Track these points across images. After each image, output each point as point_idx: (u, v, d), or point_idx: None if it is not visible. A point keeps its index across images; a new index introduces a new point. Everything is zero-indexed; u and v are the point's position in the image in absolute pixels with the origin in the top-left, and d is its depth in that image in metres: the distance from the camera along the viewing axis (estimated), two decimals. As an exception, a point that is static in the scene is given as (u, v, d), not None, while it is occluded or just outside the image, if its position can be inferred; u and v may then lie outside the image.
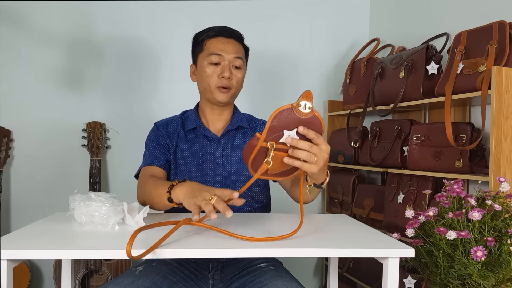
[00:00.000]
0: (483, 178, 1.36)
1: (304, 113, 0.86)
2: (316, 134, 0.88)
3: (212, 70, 1.24)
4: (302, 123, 0.87)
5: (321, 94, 2.40)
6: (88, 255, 0.75)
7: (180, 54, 2.20)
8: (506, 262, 0.98)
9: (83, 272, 1.94)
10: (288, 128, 0.87)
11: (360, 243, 0.86)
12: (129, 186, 2.11)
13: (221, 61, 1.24)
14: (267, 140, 0.86)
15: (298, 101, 0.86)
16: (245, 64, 1.30)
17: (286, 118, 0.86)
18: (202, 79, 1.26)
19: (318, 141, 0.89)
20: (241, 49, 1.28)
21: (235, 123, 1.31)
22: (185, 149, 1.28)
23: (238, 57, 1.25)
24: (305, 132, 0.87)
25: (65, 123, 2.09)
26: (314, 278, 2.41)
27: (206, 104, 1.31)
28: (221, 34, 1.26)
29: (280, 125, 0.86)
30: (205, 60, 1.25)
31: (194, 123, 1.29)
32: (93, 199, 0.92)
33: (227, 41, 1.25)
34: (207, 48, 1.25)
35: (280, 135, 0.87)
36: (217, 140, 1.28)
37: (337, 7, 2.39)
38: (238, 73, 1.26)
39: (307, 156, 0.88)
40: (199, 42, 1.28)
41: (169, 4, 2.19)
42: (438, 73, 1.65)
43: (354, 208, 2.04)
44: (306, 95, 0.86)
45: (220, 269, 1.16)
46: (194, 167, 1.26)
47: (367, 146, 1.97)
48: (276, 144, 0.87)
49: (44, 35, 2.06)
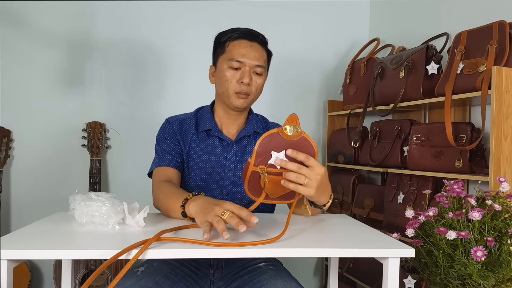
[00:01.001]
0: (483, 178, 1.36)
1: (291, 136, 0.86)
2: (306, 156, 0.88)
3: (231, 75, 1.19)
4: (292, 146, 0.87)
5: (321, 94, 2.40)
6: (88, 255, 0.75)
7: (181, 54, 2.20)
8: (506, 262, 0.98)
9: (83, 272, 1.94)
10: (276, 150, 0.87)
11: (360, 243, 0.86)
12: (129, 186, 2.12)
13: (241, 67, 1.19)
14: (257, 164, 0.87)
15: (284, 125, 0.86)
16: (266, 70, 1.26)
17: (274, 142, 0.86)
18: (221, 82, 1.22)
19: (310, 163, 0.88)
20: (263, 54, 1.23)
21: (250, 129, 1.28)
22: (199, 151, 1.24)
23: (259, 66, 1.20)
24: (293, 155, 0.87)
25: (65, 123, 2.09)
26: (314, 278, 2.41)
27: (221, 107, 1.27)
28: (244, 37, 1.21)
29: (268, 149, 0.86)
30: (225, 63, 1.20)
31: (209, 124, 1.26)
32: (94, 199, 0.92)
33: (250, 45, 1.20)
34: (229, 51, 1.20)
35: (269, 157, 0.87)
36: (231, 144, 1.26)
37: (337, 7, 2.39)
38: (258, 79, 1.22)
39: (296, 177, 0.87)
40: (221, 43, 1.23)
41: (170, 4, 2.19)
42: (438, 73, 1.65)
43: (354, 208, 2.04)
44: (291, 118, 0.87)
45: (220, 268, 1.16)
46: (206, 171, 1.23)
47: (367, 146, 1.97)
48: (267, 167, 0.87)
49: (44, 35, 2.05)
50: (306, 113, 2.38)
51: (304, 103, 2.37)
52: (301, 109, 2.36)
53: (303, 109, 2.37)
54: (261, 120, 1.35)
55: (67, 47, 2.08)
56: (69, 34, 2.08)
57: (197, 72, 2.18)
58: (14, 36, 2.02)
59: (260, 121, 1.34)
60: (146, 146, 2.04)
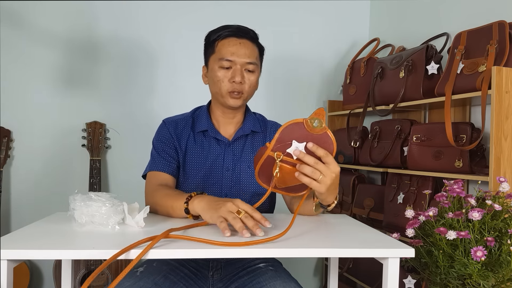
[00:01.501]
0: (483, 178, 1.36)
1: (316, 129, 0.86)
2: (325, 153, 0.87)
3: (223, 74, 1.18)
4: (313, 139, 0.87)
5: (321, 94, 2.40)
6: (88, 255, 0.75)
7: (181, 54, 2.20)
8: (506, 262, 0.98)
9: (83, 272, 1.93)
10: (298, 141, 0.86)
11: (360, 243, 0.86)
12: (129, 186, 2.12)
13: (232, 65, 1.17)
14: (275, 150, 0.86)
15: (310, 117, 0.86)
16: (259, 66, 1.24)
17: (297, 132, 0.86)
18: (214, 83, 1.21)
19: (327, 160, 0.88)
20: (254, 50, 1.21)
21: (247, 128, 1.27)
22: (195, 153, 1.23)
23: (251, 63, 1.19)
24: (313, 149, 0.86)
25: (65, 123, 2.09)
26: (314, 278, 2.41)
27: (217, 107, 1.26)
28: (233, 34, 1.19)
29: (289, 138, 0.86)
30: (216, 63, 1.19)
31: (205, 125, 1.25)
32: (93, 199, 0.92)
33: (239, 42, 1.18)
34: (218, 50, 1.19)
35: (288, 145, 0.86)
36: (228, 144, 1.25)
37: (337, 7, 2.39)
38: (251, 76, 1.20)
39: (311, 172, 0.87)
40: (211, 43, 1.22)
41: (169, 4, 2.19)
42: (438, 73, 1.65)
43: (354, 208, 2.04)
44: (318, 112, 0.86)
45: (220, 269, 1.16)
46: (203, 172, 1.22)
47: (367, 146, 1.97)
48: (283, 155, 0.86)
49: (44, 35, 2.05)
50: (306, 113, 2.36)
51: (304, 103, 2.37)
52: (301, 109, 2.36)
53: (303, 109, 2.37)
54: (259, 118, 1.34)
55: (67, 47, 2.08)
56: (69, 34, 2.08)
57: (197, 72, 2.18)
58: (14, 36, 2.02)
59: (258, 120, 1.32)
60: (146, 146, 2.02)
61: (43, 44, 2.06)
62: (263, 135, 1.30)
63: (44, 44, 2.06)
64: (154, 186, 1.17)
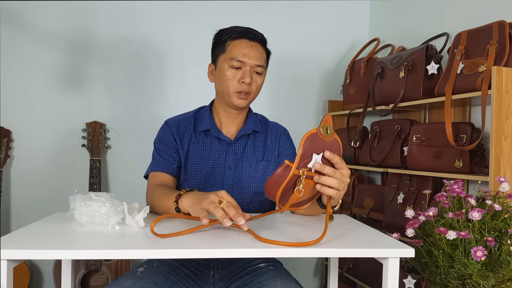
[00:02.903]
0: (483, 178, 1.36)
1: (327, 137, 0.85)
2: (340, 159, 0.88)
3: (232, 74, 1.20)
4: (326, 147, 0.86)
5: (321, 94, 2.40)
6: (88, 255, 0.75)
7: (182, 54, 2.20)
8: (506, 262, 0.98)
9: (83, 272, 1.94)
10: (316, 152, 0.85)
11: (360, 243, 0.86)
12: (129, 186, 2.12)
13: (242, 66, 1.19)
14: (299, 167, 0.84)
15: (320, 125, 0.85)
16: (266, 69, 1.26)
17: (314, 144, 0.85)
18: (221, 82, 1.22)
19: (341, 166, 0.88)
20: (263, 54, 1.24)
21: (249, 128, 1.28)
22: (197, 152, 1.24)
23: (260, 65, 1.21)
24: (330, 157, 0.86)
25: (65, 123, 2.09)
26: (314, 278, 2.41)
27: (221, 106, 1.28)
28: (245, 36, 1.21)
29: (309, 151, 0.84)
30: (226, 62, 1.20)
31: (208, 124, 1.26)
32: (93, 199, 0.92)
33: (251, 45, 1.21)
34: (229, 50, 1.20)
35: (309, 161, 0.85)
36: (230, 144, 1.26)
37: (337, 7, 2.39)
38: (258, 79, 1.23)
39: (337, 183, 0.86)
40: (221, 42, 1.23)
41: (170, 4, 2.19)
42: (438, 73, 1.65)
43: (354, 208, 2.04)
44: (326, 119, 0.86)
45: (220, 268, 1.16)
46: (205, 171, 1.23)
47: (367, 146, 1.97)
48: (306, 171, 0.84)
49: (44, 35, 2.05)
50: (306, 113, 2.38)
51: (304, 103, 2.37)
52: (301, 109, 2.37)
53: (303, 109, 2.37)
54: (260, 119, 1.35)
55: (67, 47, 2.08)
56: (69, 34, 2.08)
57: (197, 72, 2.18)
58: (14, 36, 2.02)
59: (259, 120, 1.34)
60: (146, 146, 2.04)
61: (44, 44, 2.06)
62: (264, 135, 1.31)
63: (44, 44, 2.06)
64: (153, 186, 1.18)
